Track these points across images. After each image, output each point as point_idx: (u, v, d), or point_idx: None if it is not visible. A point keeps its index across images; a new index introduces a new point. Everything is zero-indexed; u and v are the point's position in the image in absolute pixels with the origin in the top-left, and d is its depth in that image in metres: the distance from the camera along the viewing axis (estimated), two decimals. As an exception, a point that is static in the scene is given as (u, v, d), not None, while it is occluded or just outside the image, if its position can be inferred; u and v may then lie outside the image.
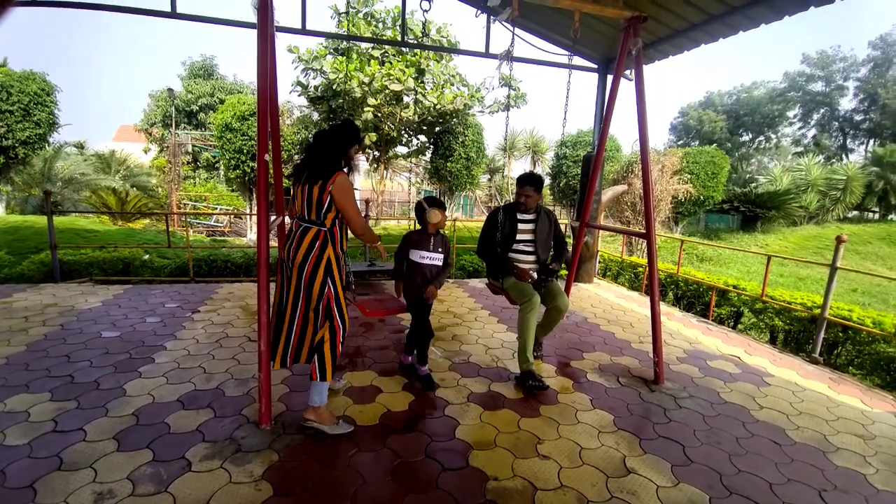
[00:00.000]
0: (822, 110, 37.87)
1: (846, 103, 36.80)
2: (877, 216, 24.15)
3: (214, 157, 21.06)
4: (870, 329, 3.85)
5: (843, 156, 35.75)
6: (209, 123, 20.93)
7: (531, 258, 3.33)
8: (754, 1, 4.16)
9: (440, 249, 3.02)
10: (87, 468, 2.07)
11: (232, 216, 16.68)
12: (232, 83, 24.09)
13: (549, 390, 3.07)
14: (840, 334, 4.09)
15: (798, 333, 4.37)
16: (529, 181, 3.28)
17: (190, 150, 21.06)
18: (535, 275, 3.26)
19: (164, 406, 2.63)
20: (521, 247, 3.32)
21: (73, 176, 14.25)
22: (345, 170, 2.42)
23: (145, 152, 23.19)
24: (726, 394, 3.15)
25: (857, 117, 36.33)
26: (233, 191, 18.21)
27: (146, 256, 6.06)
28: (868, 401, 3.20)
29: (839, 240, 3.80)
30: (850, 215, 23.17)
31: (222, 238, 14.54)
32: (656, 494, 2.08)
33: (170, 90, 20.14)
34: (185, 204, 17.37)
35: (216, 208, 17.42)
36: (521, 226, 3.32)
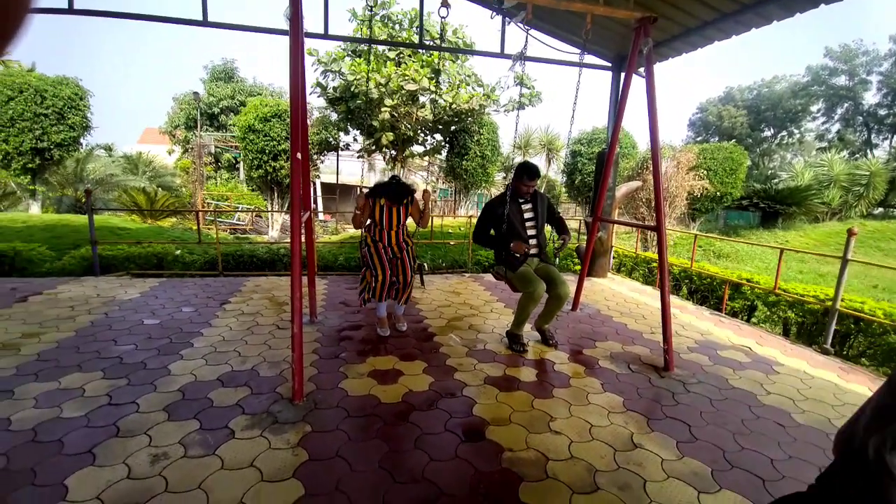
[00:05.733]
0: (845, 105, 36.83)
1: (870, 97, 35.78)
2: (903, 213, 23.46)
3: (235, 157, 21.61)
4: (881, 320, 3.90)
5: (868, 151, 34.74)
6: (230, 125, 21.49)
7: (534, 242, 3.60)
8: (766, -2, 4.23)
9: None
10: (143, 434, 2.31)
11: (254, 215, 17.13)
12: (252, 85, 24.65)
13: (562, 375, 3.23)
14: (852, 326, 4.14)
15: (811, 325, 4.42)
16: (538, 174, 3.54)
17: (212, 151, 21.65)
18: (528, 249, 3.48)
19: (205, 384, 2.87)
20: (528, 230, 3.58)
21: (104, 177, 14.86)
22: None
23: (169, 154, 23.91)
24: (735, 380, 3.26)
25: (881, 112, 35.25)
26: (253, 190, 18.70)
27: (178, 252, 6.39)
28: (876, 389, 3.27)
29: (850, 232, 3.86)
30: (875, 212, 22.57)
31: (244, 236, 14.96)
32: (661, 466, 2.23)
33: (195, 94, 20.75)
34: (208, 203, 17.90)
35: (238, 207, 17.92)
36: (524, 206, 3.60)
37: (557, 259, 3.73)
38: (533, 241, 3.59)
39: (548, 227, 3.79)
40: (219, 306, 4.53)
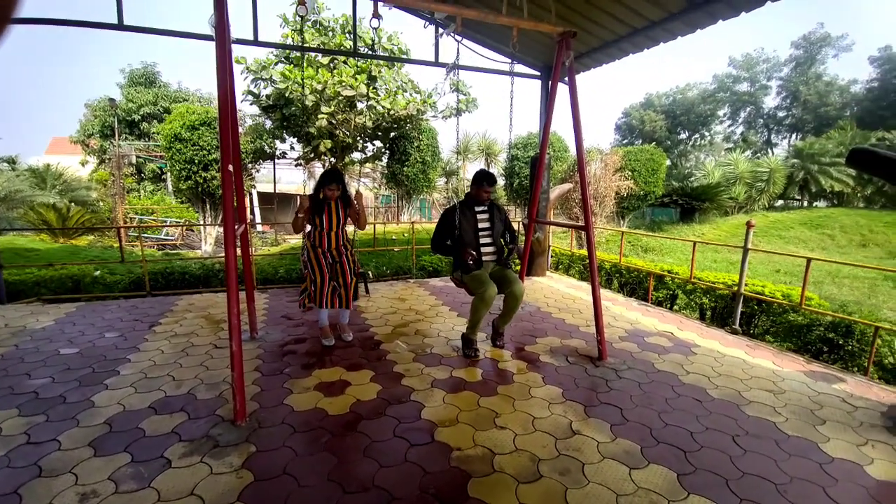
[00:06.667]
0: (748, 109, 41.03)
1: (770, 101, 40.15)
2: (800, 203, 26.48)
3: (161, 168, 20.21)
4: (780, 301, 4.42)
5: (769, 150, 38.86)
6: (154, 133, 20.08)
7: (491, 249, 3.72)
8: (670, 16, 4.68)
9: None
10: (68, 473, 2.15)
11: (184, 229, 16.10)
12: (177, 91, 23.17)
13: (506, 372, 3.37)
14: (756, 307, 4.65)
15: (722, 309, 4.92)
16: (493, 180, 3.71)
17: (133, 161, 20.09)
18: (474, 253, 3.55)
19: (136, 413, 2.71)
20: (482, 238, 3.69)
21: (7, 193, 13.33)
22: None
23: (83, 165, 21.88)
24: (660, 364, 3.57)
25: (781, 114, 39.63)
26: (182, 202, 17.56)
27: (97, 272, 5.89)
28: (779, 362, 3.71)
29: (748, 225, 4.36)
30: (776, 204, 25.30)
31: (174, 252, 14.02)
32: (597, 449, 2.41)
33: (111, 100, 19.15)
34: (131, 218, 16.58)
35: (165, 221, 16.75)
36: (479, 215, 3.72)
37: (511, 264, 3.87)
38: (489, 249, 3.72)
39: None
40: (148, 329, 4.25)
